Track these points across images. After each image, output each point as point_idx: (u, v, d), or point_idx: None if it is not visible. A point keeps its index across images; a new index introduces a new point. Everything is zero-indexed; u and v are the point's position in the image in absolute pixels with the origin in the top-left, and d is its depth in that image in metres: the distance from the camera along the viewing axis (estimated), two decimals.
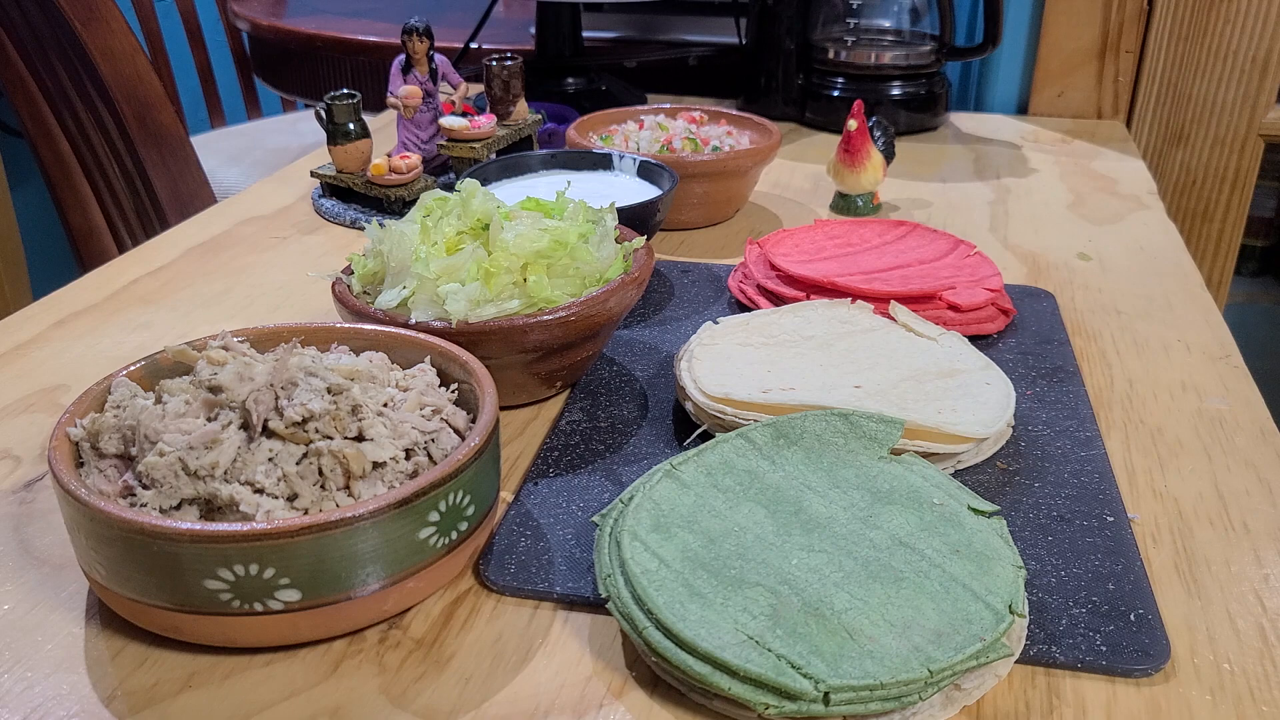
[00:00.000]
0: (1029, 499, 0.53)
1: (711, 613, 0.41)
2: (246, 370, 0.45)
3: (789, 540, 0.46)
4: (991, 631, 0.41)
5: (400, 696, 0.42)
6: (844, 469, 0.50)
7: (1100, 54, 1.21)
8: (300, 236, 0.89)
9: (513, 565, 0.49)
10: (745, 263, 0.77)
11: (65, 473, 0.43)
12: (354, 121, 0.90)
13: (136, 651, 0.44)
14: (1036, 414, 0.61)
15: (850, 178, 0.91)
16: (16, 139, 1.70)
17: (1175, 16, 1.18)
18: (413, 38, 0.91)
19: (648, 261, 0.62)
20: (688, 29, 1.38)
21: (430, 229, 0.60)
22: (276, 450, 0.44)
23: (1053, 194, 1.00)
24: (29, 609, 0.47)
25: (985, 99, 1.29)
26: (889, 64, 1.16)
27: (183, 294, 0.78)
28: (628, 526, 0.46)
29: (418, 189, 0.89)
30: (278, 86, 1.67)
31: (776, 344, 0.62)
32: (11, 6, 1.31)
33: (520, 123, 0.98)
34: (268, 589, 0.41)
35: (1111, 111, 1.24)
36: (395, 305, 0.57)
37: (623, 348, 0.69)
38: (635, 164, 0.84)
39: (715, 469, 0.50)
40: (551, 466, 0.56)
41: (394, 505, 0.41)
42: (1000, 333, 0.71)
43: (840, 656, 0.40)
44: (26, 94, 1.42)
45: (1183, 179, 1.26)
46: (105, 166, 1.41)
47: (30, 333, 0.72)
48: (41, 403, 0.64)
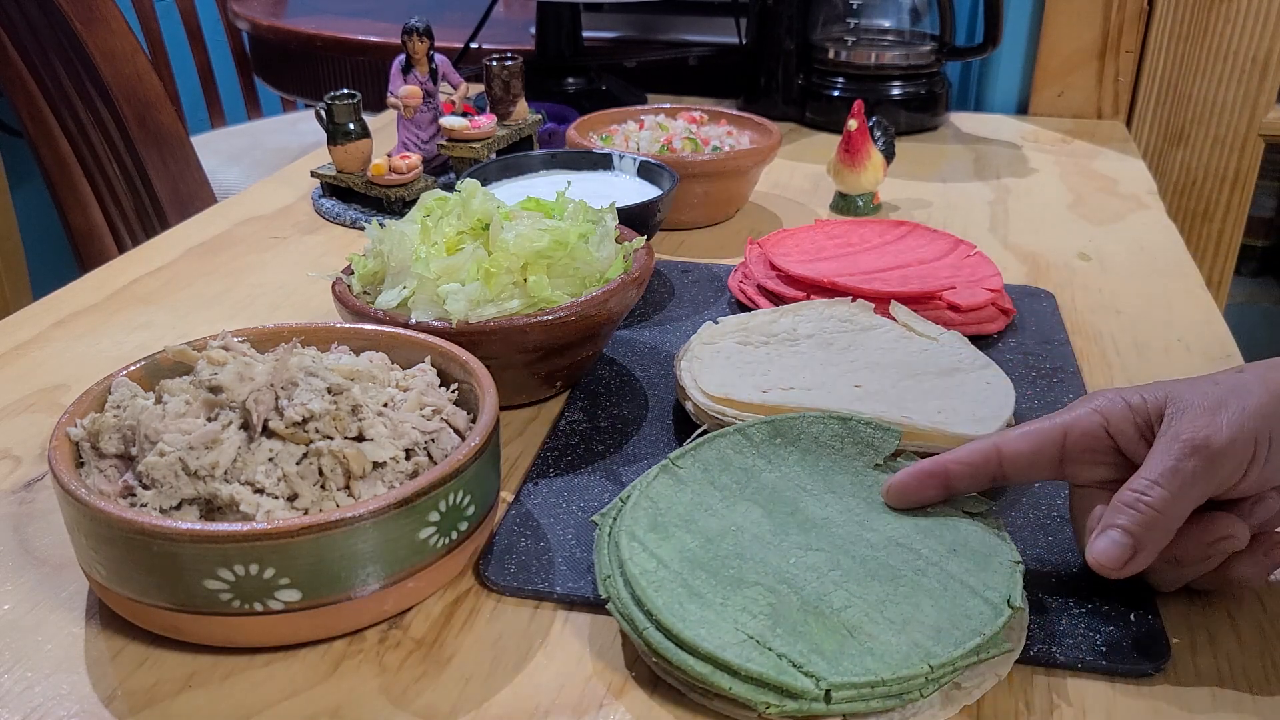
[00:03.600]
0: (1029, 499, 0.53)
1: (711, 613, 0.41)
2: (246, 370, 0.45)
3: (786, 539, 0.46)
4: (990, 626, 0.41)
5: (400, 696, 0.42)
6: (839, 474, 0.50)
7: (1100, 54, 1.21)
8: (300, 236, 0.89)
9: (513, 565, 0.49)
10: (745, 263, 0.77)
11: (65, 473, 0.43)
12: (354, 121, 0.90)
13: (136, 651, 0.44)
14: (1036, 414, 0.60)
15: (850, 178, 0.91)
16: (16, 139, 1.70)
17: (1175, 16, 1.18)
18: (413, 38, 0.91)
19: (648, 261, 0.62)
20: (688, 29, 1.38)
21: (430, 229, 0.60)
22: (277, 450, 0.44)
23: (1053, 194, 1.00)
24: (29, 609, 0.47)
25: (985, 99, 1.29)
26: (889, 64, 1.16)
27: (183, 294, 0.78)
28: (625, 527, 0.46)
29: (418, 189, 0.89)
30: (278, 86, 1.67)
31: (776, 344, 0.62)
32: (11, 6, 1.31)
33: (520, 123, 0.98)
34: (268, 589, 0.41)
35: (1111, 111, 1.24)
36: (395, 305, 0.57)
37: (623, 348, 0.69)
38: (635, 164, 0.84)
39: (712, 465, 0.50)
40: (551, 466, 0.56)
41: (394, 505, 0.41)
42: (1000, 333, 0.71)
43: (840, 654, 0.40)
44: (26, 94, 1.42)
45: (1183, 179, 1.26)
46: (105, 166, 1.41)
47: (30, 333, 0.72)
48: (41, 403, 0.64)
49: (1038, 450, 0.46)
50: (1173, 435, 0.43)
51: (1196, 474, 0.42)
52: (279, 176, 1.05)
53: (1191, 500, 0.42)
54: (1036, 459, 0.46)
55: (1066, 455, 0.46)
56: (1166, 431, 0.43)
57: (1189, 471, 0.42)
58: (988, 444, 0.47)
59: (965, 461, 0.47)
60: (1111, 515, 0.43)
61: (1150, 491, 0.42)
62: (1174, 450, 0.42)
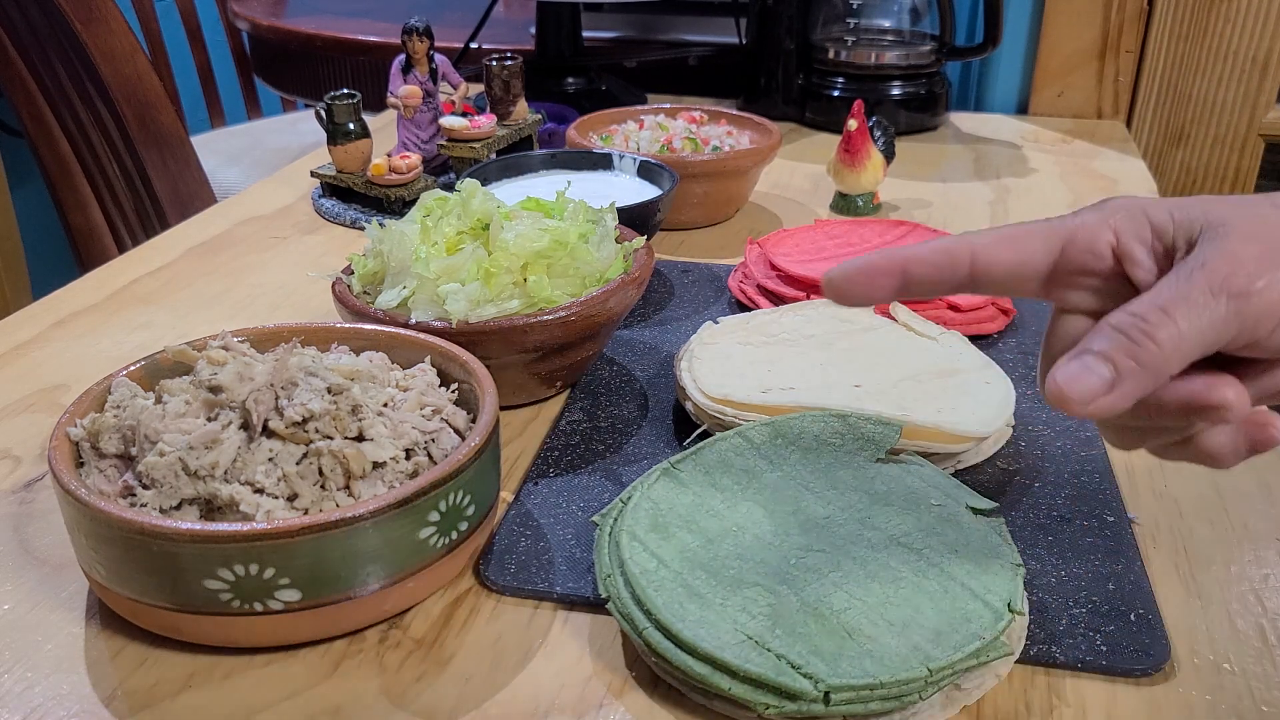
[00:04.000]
0: (1029, 499, 0.53)
1: (711, 613, 0.41)
2: (246, 370, 0.45)
3: (787, 540, 0.46)
4: (990, 630, 0.41)
5: (400, 696, 0.42)
6: (841, 470, 0.50)
7: (1100, 54, 1.21)
8: (300, 236, 0.89)
9: (513, 565, 0.49)
10: (745, 263, 0.77)
11: (65, 473, 0.43)
12: (354, 121, 0.90)
13: (136, 651, 0.44)
14: (1036, 414, 0.61)
15: (850, 178, 0.91)
16: (16, 139, 1.70)
17: (1175, 16, 1.18)
18: (413, 38, 0.91)
19: (648, 261, 0.62)
20: (688, 29, 1.38)
21: (430, 229, 0.60)
22: (276, 450, 0.44)
23: (1053, 194, 1.00)
24: (29, 609, 0.47)
25: (985, 99, 1.29)
26: (889, 64, 1.16)
27: (183, 294, 0.78)
28: (626, 526, 0.46)
29: (418, 189, 0.89)
30: (278, 86, 1.67)
31: (776, 343, 0.62)
32: (11, 6, 1.31)
33: (520, 123, 0.98)
34: (268, 589, 0.41)
35: (1111, 111, 1.24)
36: (395, 305, 0.57)
37: (623, 348, 0.69)
38: (635, 164, 0.84)
39: (713, 468, 0.50)
40: (551, 466, 0.56)
41: (394, 505, 0.41)
42: (1000, 332, 0.71)
43: (839, 656, 0.40)
44: (26, 94, 1.42)
45: (1183, 179, 1.26)
46: (105, 166, 1.41)
47: (30, 333, 0.72)
48: (41, 403, 0.64)
49: (1021, 262, 0.37)
50: (1199, 264, 0.33)
51: (1219, 319, 0.33)
52: (279, 176, 1.05)
53: (1201, 347, 0.33)
54: (1018, 272, 0.37)
55: (1057, 273, 0.37)
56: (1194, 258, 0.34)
57: (1212, 313, 0.33)
58: (960, 242, 0.38)
59: (928, 261, 0.38)
60: (1094, 338, 0.34)
61: (1152, 318, 0.33)
62: (1198, 281, 0.33)
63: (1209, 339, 0.33)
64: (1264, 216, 0.34)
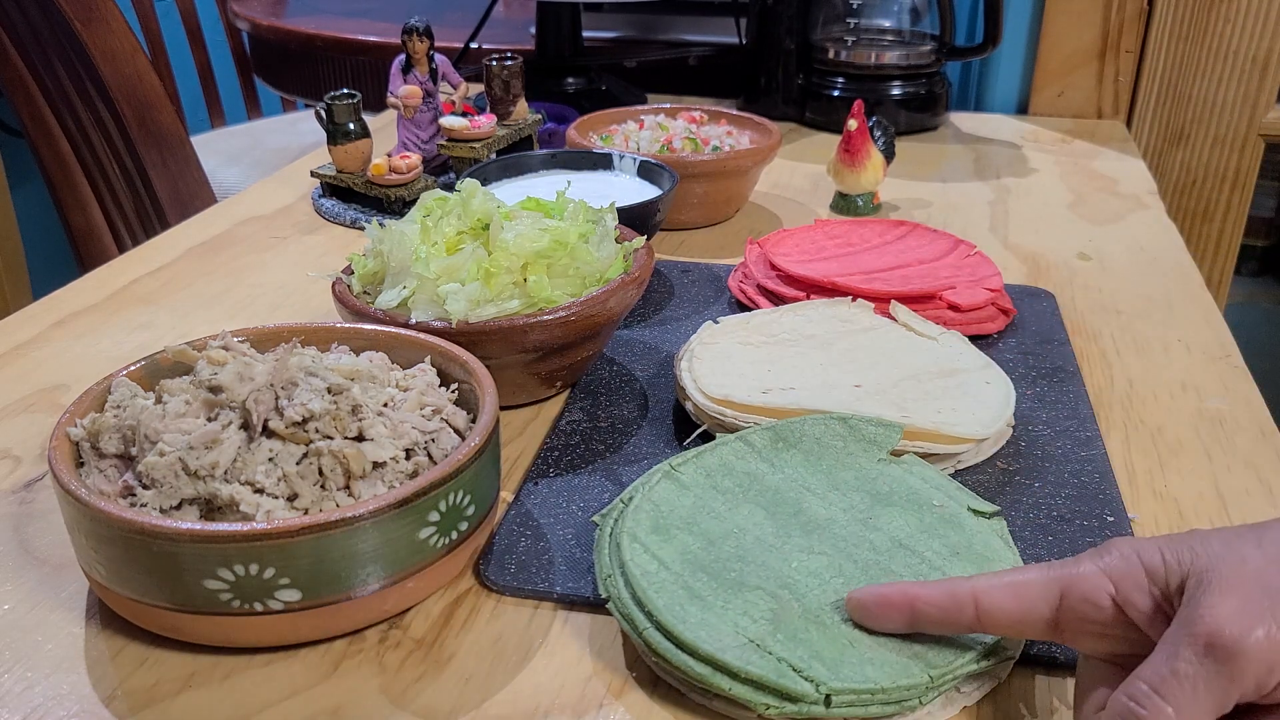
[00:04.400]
0: (1029, 499, 0.53)
1: (711, 615, 0.41)
2: (246, 370, 0.45)
3: (789, 542, 0.46)
4: (992, 636, 0.41)
5: (400, 696, 0.42)
6: (843, 471, 0.50)
7: (1100, 54, 1.21)
8: (300, 236, 0.89)
9: (513, 565, 0.49)
10: (745, 263, 0.77)
11: (65, 473, 0.43)
12: (354, 121, 0.90)
13: (136, 651, 0.44)
14: (1036, 414, 0.61)
15: (850, 178, 0.91)
16: (16, 139, 1.70)
17: (1175, 16, 1.18)
18: (413, 38, 0.91)
19: (648, 261, 0.62)
20: (688, 29, 1.38)
21: (430, 229, 0.60)
22: (276, 450, 0.44)
23: (1053, 194, 1.00)
24: (29, 609, 0.47)
25: (985, 99, 1.29)
26: (889, 64, 1.16)
27: (183, 294, 0.78)
28: (627, 528, 0.46)
29: (418, 189, 0.89)
30: (278, 86, 1.67)
31: (777, 343, 0.62)
32: (11, 6, 1.31)
33: (520, 123, 0.98)
34: (268, 589, 0.41)
35: (1111, 111, 1.24)
36: (395, 305, 0.57)
37: (623, 348, 0.69)
38: (635, 164, 0.84)
39: (714, 470, 0.50)
40: (551, 466, 0.56)
41: (394, 505, 0.41)
42: (1000, 333, 0.71)
43: (840, 662, 0.40)
44: (26, 94, 1.42)
45: (1183, 179, 1.26)
46: (105, 166, 1.41)
47: (30, 333, 0.72)
48: (41, 403, 0.64)
49: (1024, 610, 0.37)
50: (1188, 621, 0.33)
51: (1211, 680, 0.32)
52: (279, 176, 1.05)
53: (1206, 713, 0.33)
54: (1022, 619, 0.38)
55: (1063, 621, 0.37)
56: (1184, 612, 0.34)
57: (1201, 677, 0.32)
58: (965, 590, 0.39)
59: (935, 603, 0.39)
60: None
61: (1147, 704, 0.33)
62: (1185, 644, 0.33)
63: (1209, 707, 0.33)
64: (1244, 558, 0.34)
